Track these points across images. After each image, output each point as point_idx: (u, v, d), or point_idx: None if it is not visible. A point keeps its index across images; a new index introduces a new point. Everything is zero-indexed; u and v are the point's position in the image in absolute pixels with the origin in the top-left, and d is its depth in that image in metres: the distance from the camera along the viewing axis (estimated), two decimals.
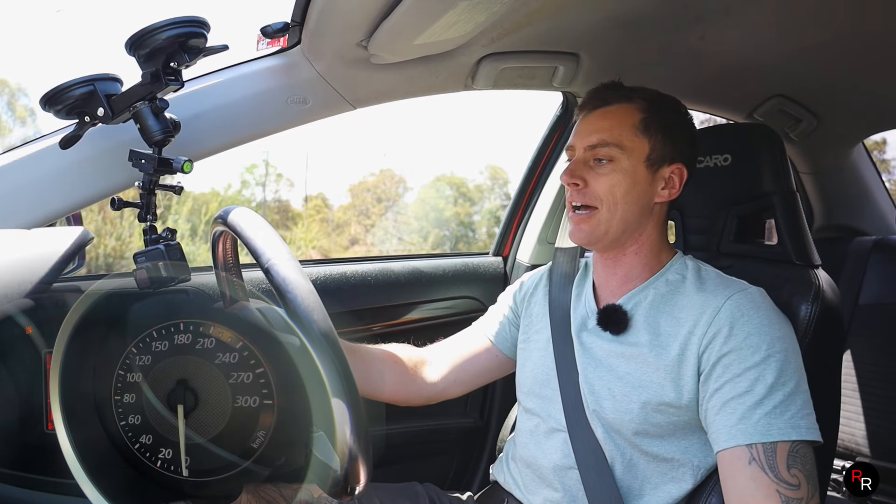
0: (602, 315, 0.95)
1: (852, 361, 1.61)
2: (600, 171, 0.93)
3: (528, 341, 1.06)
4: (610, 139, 0.92)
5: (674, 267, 0.95)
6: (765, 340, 0.82)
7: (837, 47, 1.19)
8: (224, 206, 0.75)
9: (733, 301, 0.86)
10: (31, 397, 0.92)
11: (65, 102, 0.83)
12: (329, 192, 10.64)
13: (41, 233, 0.71)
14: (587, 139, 0.94)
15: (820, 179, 1.76)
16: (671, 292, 0.92)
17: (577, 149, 0.95)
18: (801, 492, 0.77)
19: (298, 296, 0.60)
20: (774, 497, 0.77)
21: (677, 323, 0.88)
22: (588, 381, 0.93)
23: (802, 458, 0.79)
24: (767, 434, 0.79)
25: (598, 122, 0.94)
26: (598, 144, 0.93)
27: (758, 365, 0.82)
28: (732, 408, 0.82)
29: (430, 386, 1.09)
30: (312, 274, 1.34)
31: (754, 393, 0.81)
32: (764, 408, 0.80)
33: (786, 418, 0.79)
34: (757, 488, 0.78)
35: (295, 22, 0.95)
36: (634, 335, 0.91)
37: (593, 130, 0.94)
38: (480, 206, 9.31)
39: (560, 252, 1.14)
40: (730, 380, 0.82)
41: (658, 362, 0.87)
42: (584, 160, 0.94)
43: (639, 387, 0.87)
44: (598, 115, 0.95)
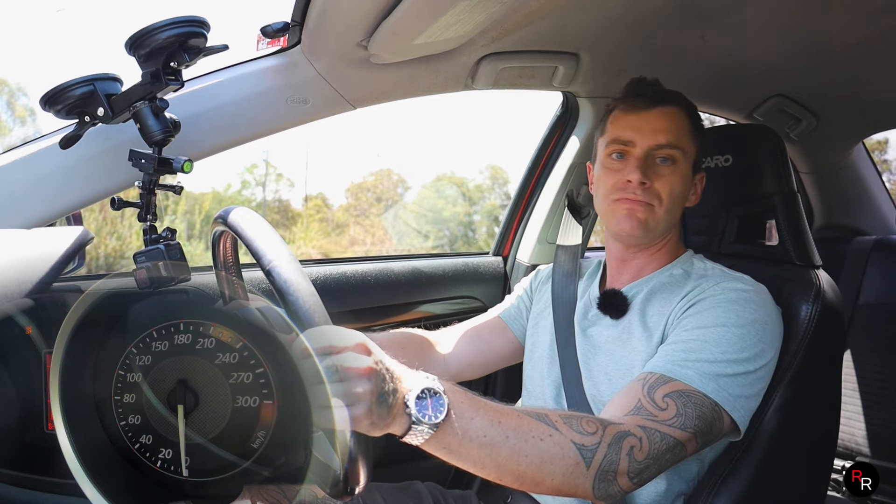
0: (602, 299, 0.98)
1: (852, 361, 1.61)
2: (662, 171, 0.93)
3: (536, 326, 1.08)
4: (676, 141, 0.92)
5: (680, 262, 0.97)
6: (731, 316, 0.82)
7: (837, 47, 1.19)
8: (222, 206, 0.75)
9: (719, 287, 0.87)
10: (31, 397, 0.92)
11: (65, 102, 0.83)
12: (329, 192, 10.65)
13: (41, 232, 0.71)
14: (653, 138, 0.92)
15: (820, 179, 1.76)
16: (670, 284, 0.94)
17: (639, 146, 0.93)
18: (665, 414, 0.75)
19: (300, 297, 0.60)
20: (632, 402, 0.77)
21: (664, 311, 0.90)
22: (588, 367, 0.95)
23: (695, 403, 0.77)
24: (670, 371, 0.79)
25: (660, 121, 0.93)
26: (665, 145, 0.92)
27: (709, 327, 0.82)
28: (664, 351, 0.83)
29: (444, 369, 1.09)
30: (312, 274, 1.34)
31: (687, 343, 0.81)
32: (690, 355, 0.80)
33: (703, 371, 0.78)
34: (624, 394, 0.79)
35: (295, 22, 0.95)
36: (628, 320, 0.93)
37: (658, 130, 0.92)
38: (480, 206, 9.32)
39: (561, 250, 1.15)
40: (678, 333, 0.84)
41: (647, 348, 0.88)
42: (647, 158, 0.92)
43: (632, 369, 0.88)
44: (657, 114, 0.93)
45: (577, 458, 0.69)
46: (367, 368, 0.59)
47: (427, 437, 0.64)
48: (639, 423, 0.74)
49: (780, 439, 0.87)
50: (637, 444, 0.72)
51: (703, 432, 0.77)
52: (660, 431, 0.74)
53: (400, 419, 0.63)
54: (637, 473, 0.72)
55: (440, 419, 0.63)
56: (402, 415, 0.63)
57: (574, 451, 0.69)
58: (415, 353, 1.07)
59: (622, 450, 0.71)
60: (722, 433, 0.81)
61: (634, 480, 0.72)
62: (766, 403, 0.87)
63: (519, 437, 0.67)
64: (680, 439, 0.75)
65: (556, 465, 0.68)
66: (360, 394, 0.59)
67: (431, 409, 0.63)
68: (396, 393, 0.62)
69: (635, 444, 0.72)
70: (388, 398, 0.61)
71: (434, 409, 0.63)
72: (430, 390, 0.64)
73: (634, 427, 0.73)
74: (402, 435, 0.64)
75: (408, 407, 0.63)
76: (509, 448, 0.67)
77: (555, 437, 0.69)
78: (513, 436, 0.67)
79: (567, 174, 1.48)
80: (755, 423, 0.86)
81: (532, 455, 0.68)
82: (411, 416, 0.63)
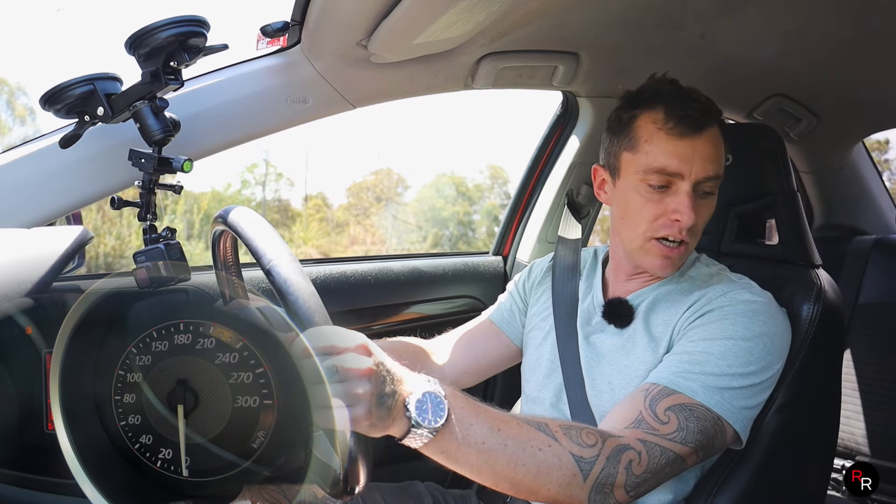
0: (607, 307, 0.96)
1: (852, 361, 1.61)
2: (703, 203, 0.86)
3: (535, 329, 1.06)
4: (721, 171, 0.86)
5: (689, 269, 0.94)
6: (738, 329, 0.81)
7: (837, 46, 1.19)
8: (221, 206, 0.75)
9: (727, 297, 0.85)
10: (31, 397, 0.91)
11: (64, 101, 0.83)
12: (329, 191, 10.64)
13: (41, 232, 0.71)
14: (702, 170, 0.83)
15: (820, 179, 1.76)
16: (676, 292, 0.91)
17: (687, 179, 0.84)
18: (667, 428, 0.74)
19: (300, 297, 0.60)
20: (633, 414, 0.76)
21: (669, 321, 0.88)
22: (591, 375, 0.93)
23: (697, 417, 0.76)
24: (674, 383, 0.78)
25: (708, 148, 0.84)
26: (713, 177, 0.85)
27: (715, 339, 0.81)
28: (669, 362, 0.82)
29: (440, 377, 1.08)
30: (312, 273, 1.34)
31: (692, 355, 0.80)
32: (695, 367, 0.79)
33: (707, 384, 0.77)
34: (626, 404, 0.79)
35: (295, 21, 0.95)
36: (633, 328, 0.91)
37: (707, 159, 0.84)
38: (480, 206, 9.32)
39: (562, 244, 1.13)
40: (683, 344, 0.83)
41: (652, 358, 0.87)
42: (692, 192, 0.84)
43: (636, 378, 0.87)
44: (705, 140, 0.84)
45: (574, 470, 0.69)
46: (367, 370, 0.59)
47: (426, 440, 0.64)
48: (639, 436, 0.73)
49: (781, 439, 0.87)
50: (636, 458, 0.71)
51: (705, 446, 0.77)
52: (660, 446, 0.73)
53: (399, 421, 0.63)
54: (634, 487, 0.72)
55: (440, 424, 0.63)
56: (402, 417, 0.63)
57: (572, 462, 0.69)
58: (410, 364, 1.07)
59: (620, 463, 0.70)
60: (724, 445, 0.81)
61: (631, 493, 0.72)
62: (766, 404, 0.86)
63: (517, 445, 0.67)
64: (680, 454, 0.74)
65: (553, 476, 0.68)
66: (360, 394, 0.59)
67: (431, 414, 0.63)
68: (397, 395, 0.62)
69: (634, 458, 0.71)
70: (387, 400, 0.61)
71: (434, 414, 0.63)
72: (431, 394, 0.64)
73: (634, 441, 0.72)
74: (401, 437, 0.64)
75: (408, 410, 0.63)
76: (507, 456, 0.67)
77: (553, 447, 0.69)
78: (511, 444, 0.67)
79: (567, 173, 1.48)
80: (755, 424, 0.86)
81: (529, 464, 0.67)
82: (411, 419, 0.62)
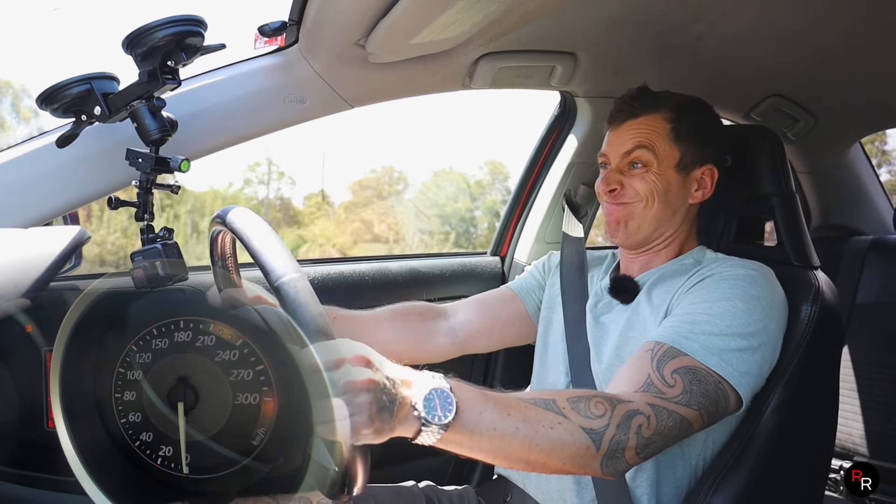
0: (613, 283, 1.00)
1: (850, 361, 1.61)
2: (634, 173, 0.96)
3: (552, 311, 1.08)
4: (645, 143, 0.95)
5: (692, 254, 0.99)
6: (737, 291, 0.84)
7: (835, 47, 1.20)
8: (221, 206, 0.75)
9: (726, 265, 0.89)
10: (32, 395, 0.92)
11: (61, 101, 0.83)
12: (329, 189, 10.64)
13: (38, 232, 0.71)
14: (621, 147, 0.97)
15: (817, 179, 1.76)
16: (680, 270, 0.95)
17: (611, 158, 0.99)
18: (673, 391, 0.77)
19: (310, 319, 0.60)
20: (643, 377, 0.78)
21: (670, 290, 0.92)
22: (598, 352, 0.96)
23: (700, 380, 0.78)
24: (677, 342, 0.80)
25: (630, 132, 0.97)
26: (632, 149, 0.96)
27: (715, 301, 0.83)
28: (669, 322, 0.85)
29: (450, 337, 1.09)
30: (310, 273, 1.34)
31: (693, 315, 0.83)
32: (695, 327, 0.81)
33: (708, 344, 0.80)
34: (633, 367, 0.80)
35: (292, 21, 0.95)
36: (637, 303, 0.95)
37: (627, 140, 0.97)
38: (481, 202, 9.32)
39: (567, 245, 1.17)
40: (683, 306, 0.86)
41: (653, 326, 0.90)
42: (619, 168, 0.98)
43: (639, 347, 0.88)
44: (628, 126, 0.98)
45: (587, 443, 0.70)
46: (366, 381, 0.60)
47: (438, 436, 0.64)
48: (648, 400, 0.75)
49: (779, 439, 0.88)
50: (645, 423, 0.73)
51: (709, 410, 0.79)
52: (667, 409, 0.75)
53: (408, 422, 0.63)
54: (643, 448, 0.74)
55: (450, 418, 0.64)
56: (411, 418, 0.63)
57: (584, 436, 0.70)
58: (412, 328, 1.07)
59: (630, 429, 0.72)
60: (728, 410, 0.83)
61: (641, 455, 0.74)
62: (764, 403, 0.87)
63: (528, 427, 0.68)
64: (686, 416, 0.76)
65: (567, 451, 0.70)
66: (360, 405, 0.59)
67: (440, 409, 0.64)
68: (400, 400, 0.62)
69: (643, 423, 0.73)
70: (390, 407, 0.61)
71: (443, 409, 0.64)
72: (438, 390, 0.64)
73: (643, 405, 0.74)
74: (413, 437, 0.64)
75: (416, 410, 0.63)
76: (519, 439, 0.68)
77: (564, 424, 0.70)
78: (522, 427, 0.68)
79: (565, 174, 1.48)
80: (754, 423, 0.87)
81: (543, 444, 0.69)
82: (421, 418, 0.63)
